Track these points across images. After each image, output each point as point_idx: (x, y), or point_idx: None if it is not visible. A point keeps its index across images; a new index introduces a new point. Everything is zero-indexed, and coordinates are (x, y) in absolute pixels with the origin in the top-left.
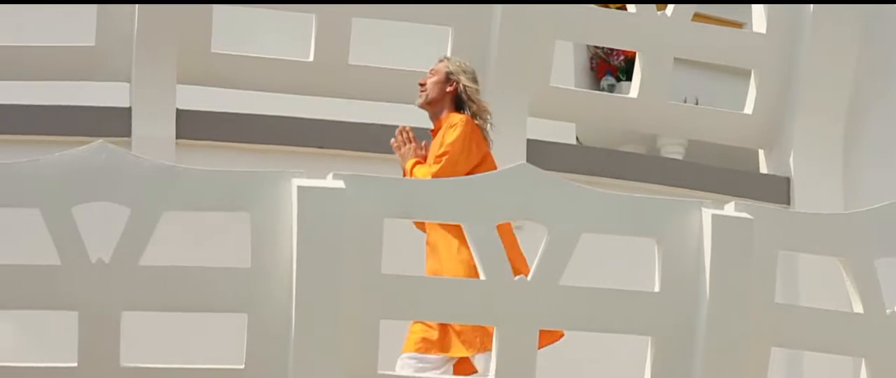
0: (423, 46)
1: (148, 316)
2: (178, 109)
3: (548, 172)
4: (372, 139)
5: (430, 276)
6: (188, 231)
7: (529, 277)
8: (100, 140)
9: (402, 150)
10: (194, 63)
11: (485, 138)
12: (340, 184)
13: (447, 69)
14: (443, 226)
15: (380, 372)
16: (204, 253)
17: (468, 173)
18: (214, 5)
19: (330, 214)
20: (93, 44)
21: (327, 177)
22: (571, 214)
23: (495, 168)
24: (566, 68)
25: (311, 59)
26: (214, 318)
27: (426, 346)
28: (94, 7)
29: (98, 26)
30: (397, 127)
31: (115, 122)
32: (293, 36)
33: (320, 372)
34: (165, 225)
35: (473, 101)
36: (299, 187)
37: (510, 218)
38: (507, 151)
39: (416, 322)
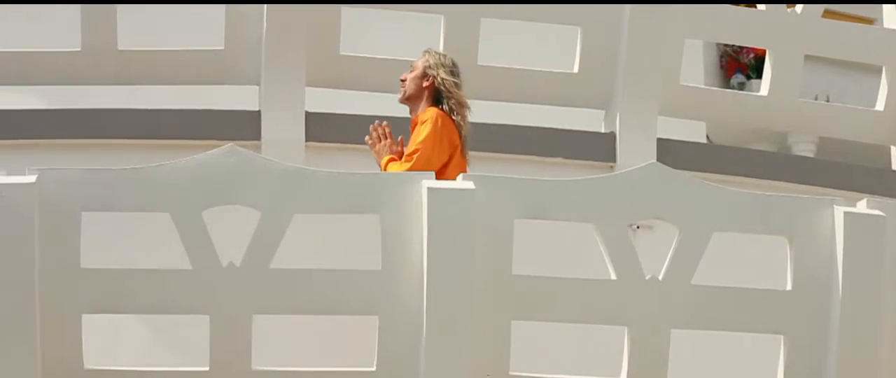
0: (553, 46)
1: (279, 319)
2: (307, 112)
3: (678, 171)
4: (501, 140)
5: (562, 277)
6: (317, 233)
7: (660, 277)
8: (229, 143)
9: (377, 146)
10: (323, 65)
11: (458, 131)
12: (470, 185)
13: (425, 64)
14: None
15: (512, 373)
16: (333, 255)
17: (442, 166)
18: (342, 7)
19: (460, 215)
20: (222, 48)
21: (456, 178)
22: (702, 213)
23: (463, 162)
24: (696, 67)
25: None
26: (345, 321)
27: None
28: (223, 11)
29: (227, 30)
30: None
31: (244, 126)
32: (421, 37)
33: (452, 373)
34: (295, 227)
35: (451, 95)
36: (429, 189)
37: (641, 218)
38: (638, 150)
39: None
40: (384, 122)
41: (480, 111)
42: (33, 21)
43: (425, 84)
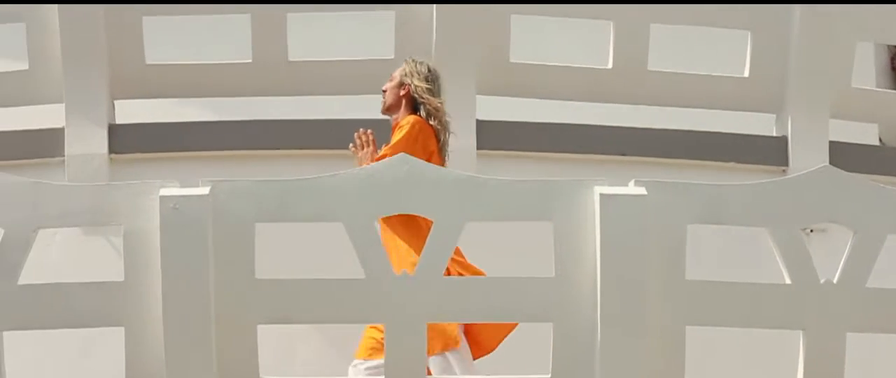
0: (722, 50)
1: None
2: (477, 120)
3: (852, 174)
4: (673, 145)
5: (736, 282)
6: (487, 241)
7: (835, 280)
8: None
9: (360, 153)
10: (493, 73)
11: (435, 137)
12: (642, 190)
13: (401, 73)
14: (391, 228)
15: None
16: (503, 262)
17: None
18: (513, 15)
19: (633, 221)
20: (392, 57)
21: (629, 184)
22: (876, 216)
23: (442, 165)
24: (867, 69)
25: (609, 66)
26: (519, 328)
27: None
28: (393, 19)
29: (397, 39)
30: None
31: None
32: (589, 43)
33: None
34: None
35: (424, 101)
36: (601, 195)
37: (814, 221)
38: (810, 154)
39: (369, 327)
40: (369, 130)
41: (651, 117)
42: (207, 33)
43: (402, 93)
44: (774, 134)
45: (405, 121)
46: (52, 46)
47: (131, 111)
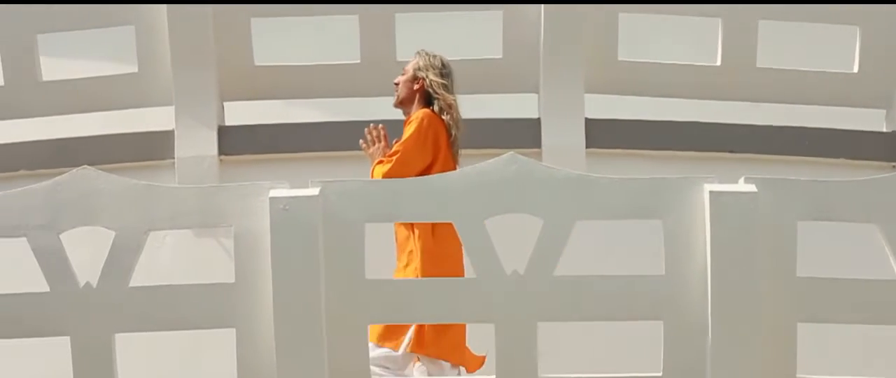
0: (831, 45)
1: (564, 325)
2: (586, 119)
3: None
4: (782, 142)
5: (848, 278)
6: (596, 239)
7: None
8: (510, 152)
9: (371, 149)
10: (601, 71)
11: (447, 132)
12: (752, 187)
13: (415, 67)
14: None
15: (799, 376)
16: (610, 260)
17: (425, 167)
18: (620, 12)
19: (743, 218)
20: (500, 56)
21: (739, 181)
22: None
23: (451, 161)
24: None
25: (718, 63)
26: (624, 326)
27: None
28: (500, 18)
29: (505, 38)
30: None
31: (524, 133)
32: (700, 40)
33: (740, 377)
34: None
35: (439, 96)
36: (711, 192)
37: None
38: None
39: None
40: (380, 126)
41: (760, 114)
42: (315, 34)
43: (416, 87)
44: (884, 129)
45: (415, 116)
46: (161, 49)
47: (240, 113)
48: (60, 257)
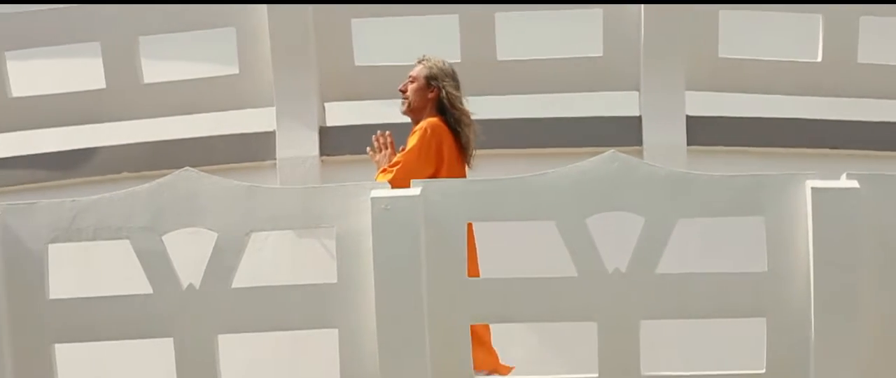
0: None
1: (666, 323)
2: (687, 116)
3: None
4: (884, 137)
5: None
6: (696, 236)
7: None
8: (611, 150)
9: (377, 156)
10: (702, 69)
11: (456, 142)
12: (854, 183)
13: (427, 74)
14: None
15: None
16: (709, 257)
17: (428, 177)
18: (720, 10)
19: (845, 214)
20: (600, 54)
21: (841, 177)
22: None
23: (460, 170)
24: None
25: (819, 59)
26: (729, 323)
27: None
28: (600, 17)
29: (605, 36)
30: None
31: (625, 132)
32: (800, 37)
33: (842, 374)
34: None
35: (456, 109)
36: (813, 188)
37: None
38: None
39: None
40: (387, 132)
41: (862, 109)
42: (415, 34)
43: (430, 95)
44: None
45: (420, 126)
46: (262, 51)
47: (341, 113)
48: (163, 259)
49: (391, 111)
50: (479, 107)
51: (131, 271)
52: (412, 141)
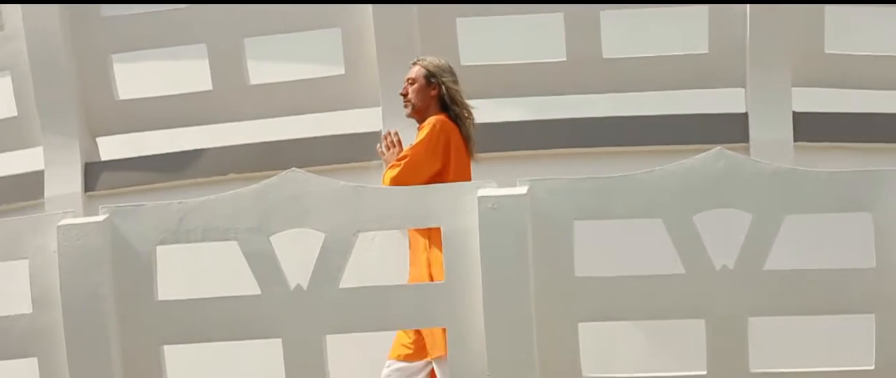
0: None
1: (773, 320)
2: (794, 112)
3: None
4: None
5: None
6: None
7: None
8: (717, 147)
9: (386, 155)
10: (808, 64)
11: (463, 137)
12: None
13: (425, 73)
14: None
15: None
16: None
17: (435, 174)
18: (826, 7)
19: None
20: (706, 51)
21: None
22: None
23: (466, 167)
24: None
25: None
26: (837, 320)
27: (408, 353)
28: (706, 14)
29: (711, 34)
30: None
31: (731, 128)
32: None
33: None
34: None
35: (457, 104)
36: None
37: None
38: None
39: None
40: (395, 131)
41: None
42: (520, 33)
43: (432, 93)
44: None
45: (428, 122)
46: (367, 50)
47: None
48: (271, 260)
49: (498, 110)
50: (586, 106)
51: (239, 272)
52: (420, 136)
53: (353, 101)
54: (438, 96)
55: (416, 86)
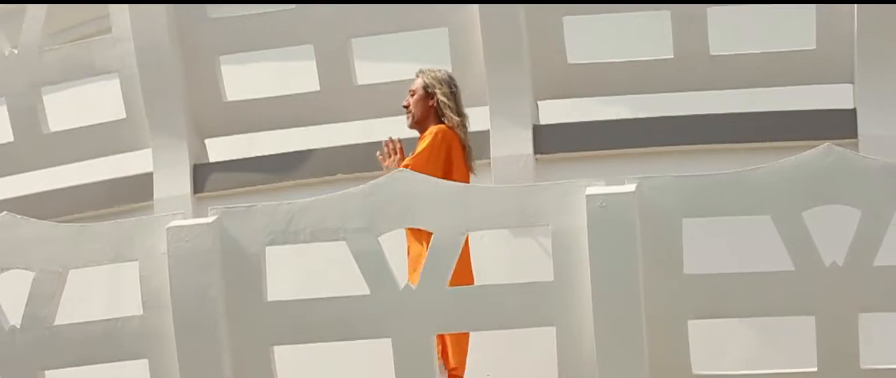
0: None
1: (884, 316)
2: None
3: None
4: None
5: None
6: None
7: None
8: (826, 143)
9: (387, 162)
10: None
11: (462, 147)
12: None
13: (424, 84)
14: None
15: None
16: None
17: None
18: None
19: None
20: (814, 47)
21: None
22: None
23: (466, 176)
24: None
25: None
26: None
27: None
28: (812, 9)
29: (818, 29)
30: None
31: (840, 124)
32: None
33: None
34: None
35: (445, 115)
36: None
37: None
38: None
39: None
40: (397, 139)
41: None
42: (625, 31)
43: (430, 103)
44: None
45: (429, 131)
46: (474, 50)
47: (554, 111)
48: (379, 259)
49: (604, 108)
50: (690, 104)
51: (349, 272)
52: (421, 145)
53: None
54: (436, 106)
55: (415, 97)
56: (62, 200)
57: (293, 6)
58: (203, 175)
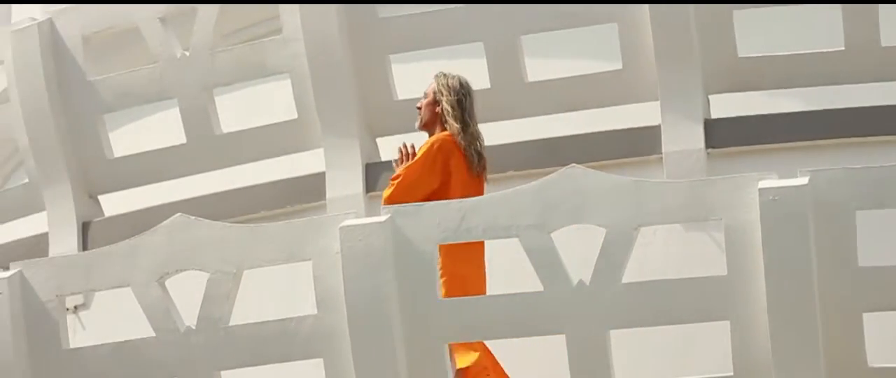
0: None
1: None
2: None
3: None
4: None
5: None
6: None
7: None
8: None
9: (399, 167)
10: None
11: (464, 157)
12: None
13: (434, 89)
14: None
15: None
16: None
17: (432, 192)
18: None
19: None
20: None
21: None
22: None
23: (471, 184)
24: None
25: None
26: None
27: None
28: None
29: None
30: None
31: None
32: None
33: None
34: None
35: (447, 122)
36: None
37: None
38: None
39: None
40: (410, 144)
41: None
42: (795, 24)
43: (437, 109)
44: None
45: (427, 141)
46: (645, 45)
47: (725, 105)
48: (552, 256)
49: (775, 101)
50: (863, 96)
51: (522, 270)
52: (418, 154)
53: (630, 95)
54: (443, 112)
55: (426, 101)
56: (235, 201)
57: (462, 5)
58: (375, 174)
